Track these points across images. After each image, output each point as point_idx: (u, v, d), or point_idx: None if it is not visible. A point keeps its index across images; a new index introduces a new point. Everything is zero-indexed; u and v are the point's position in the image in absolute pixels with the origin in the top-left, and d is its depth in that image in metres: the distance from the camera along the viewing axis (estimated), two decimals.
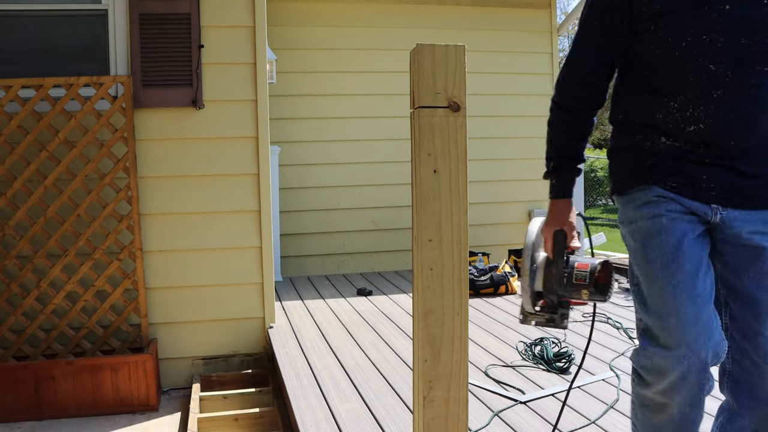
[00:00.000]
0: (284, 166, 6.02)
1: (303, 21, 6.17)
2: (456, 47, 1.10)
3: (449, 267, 1.13)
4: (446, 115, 1.11)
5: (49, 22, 4.14)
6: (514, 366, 3.48)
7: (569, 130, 1.83)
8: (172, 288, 4.18)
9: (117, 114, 4.00)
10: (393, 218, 6.37)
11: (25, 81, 3.80)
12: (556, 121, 1.86)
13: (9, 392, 3.67)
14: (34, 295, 3.88)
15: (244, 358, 4.30)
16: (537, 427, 2.70)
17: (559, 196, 1.79)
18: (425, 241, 1.12)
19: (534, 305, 1.81)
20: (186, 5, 4.04)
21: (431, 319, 1.13)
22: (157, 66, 4.04)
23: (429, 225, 1.12)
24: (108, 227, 4.01)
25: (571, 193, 1.81)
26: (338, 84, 6.27)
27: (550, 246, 1.70)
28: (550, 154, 1.85)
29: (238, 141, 4.21)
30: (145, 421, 3.70)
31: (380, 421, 2.82)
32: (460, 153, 1.12)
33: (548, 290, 1.74)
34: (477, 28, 6.49)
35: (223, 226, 4.22)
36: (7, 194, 3.85)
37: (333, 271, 6.33)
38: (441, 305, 1.13)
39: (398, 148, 6.29)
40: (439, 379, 1.14)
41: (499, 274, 5.27)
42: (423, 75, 1.09)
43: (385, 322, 4.47)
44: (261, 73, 4.20)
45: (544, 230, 1.78)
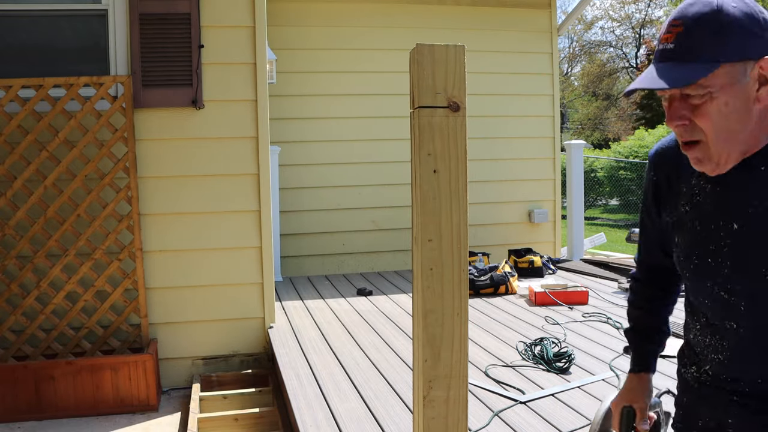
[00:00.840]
0: (284, 166, 6.02)
1: (303, 21, 6.18)
2: (456, 47, 1.10)
3: (449, 267, 1.13)
4: (446, 115, 1.11)
5: (49, 22, 4.14)
6: (514, 366, 3.48)
7: (636, 301, 1.61)
8: (172, 288, 4.18)
9: (117, 114, 4.00)
10: (393, 218, 6.37)
11: (25, 81, 3.80)
12: (629, 291, 1.65)
13: (9, 392, 3.67)
14: (34, 295, 3.88)
15: (244, 358, 4.30)
16: (537, 427, 2.70)
17: (633, 370, 1.56)
18: (425, 241, 1.12)
19: None
20: (186, 5, 4.04)
21: (431, 319, 1.13)
22: (157, 66, 4.04)
23: (429, 225, 1.12)
24: (108, 227, 4.01)
25: (646, 368, 1.54)
26: (338, 84, 6.27)
27: (617, 423, 1.54)
28: (627, 326, 1.64)
29: (238, 141, 4.21)
30: (145, 421, 3.70)
31: (380, 421, 2.82)
32: (460, 153, 1.12)
33: None
34: (477, 28, 6.49)
35: (223, 226, 4.22)
36: (7, 194, 3.85)
37: (333, 271, 6.33)
38: (441, 305, 1.13)
39: (398, 148, 6.29)
40: (439, 379, 1.13)
41: (499, 274, 5.27)
42: (423, 75, 1.09)
43: (385, 322, 4.47)
44: (261, 73, 4.20)
45: (613, 404, 1.55)
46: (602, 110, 29.04)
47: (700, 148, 1.16)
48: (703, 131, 1.13)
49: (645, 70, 1.18)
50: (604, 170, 17.76)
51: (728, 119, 1.11)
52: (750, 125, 1.13)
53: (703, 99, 1.11)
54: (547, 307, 4.77)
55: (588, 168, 17.32)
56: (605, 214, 17.84)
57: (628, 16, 25.54)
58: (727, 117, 1.11)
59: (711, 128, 1.13)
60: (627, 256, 7.35)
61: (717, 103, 1.11)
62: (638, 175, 16.93)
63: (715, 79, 1.09)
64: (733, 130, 1.13)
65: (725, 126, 1.12)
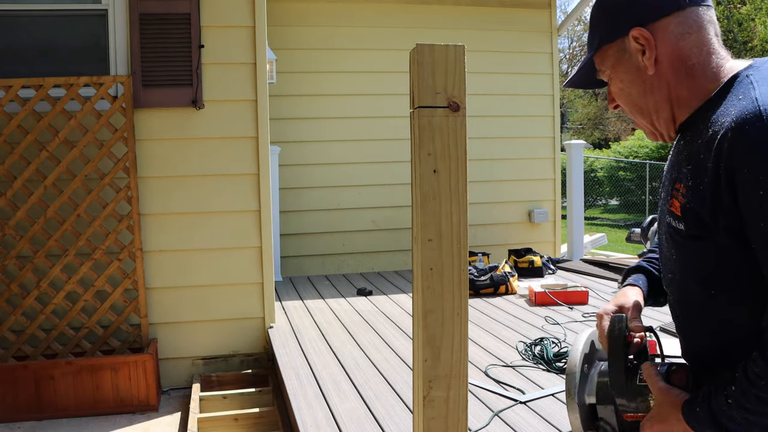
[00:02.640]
0: (284, 166, 6.02)
1: (303, 21, 6.17)
2: (456, 47, 1.10)
3: (449, 267, 1.13)
4: (446, 115, 1.11)
5: (49, 22, 4.14)
6: (514, 366, 3.48)
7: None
8: (171, 288, 4.18)
9: (117, 114, 4.00)
10: (393, 218, 6.37)
11: (25, 81, 3.80)
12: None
13: (9, 392, 3.67)
14: (34, 295, 3.88)
15: (244, 358, 4.30)
16: (537, 427, 2.70)
17: (623, 284, 1.43)
18: (425, 241, 1.12)
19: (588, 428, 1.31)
20: (186, 5, 4.04)
21: (431, 319, 1.13)
22: (157, 66, 4.04)
23: (429, 225, 1.12)
24: (108, 227, 4.01)
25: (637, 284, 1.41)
26: (338, 84, 6.27)
27: (604, 332, 1.29)
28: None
29: (238, 141, 4.21)
30: (145, 421, 3.70)
31: (380, 421, 2.82)
32: (460, 153, 1.12)
33: (603, 399, 1.28)
34: (477, 28, 6.49)
35: (223, 226, 4.22)
36: (7, 194, 3.85)
37: (333, 271, 6.33)
38: (441, 305, 1.13)
39: (398, 148, 6.29)
40: (439, 379, 1.13)
41: (499, 274, 5.27)
42: (423, 75, 1.09)
43: (385, 322, 4.47)
44: (261, 73, 4.20)
45: (599, 314, 1.34)
46: (602, 110, 29.04)
47: (636, 124, 1.23)
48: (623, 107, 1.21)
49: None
50: (604, 170, 17.77)
51: (630, 94, 1.17)
52: (656, 94, 1.14)
53: (610, 84, 1.20)
54: (547, 307, 4.77)
55: (588, 168, 17.32)
56: (605, 214, 17.85)
57: None
58: (629, 92, 1.17)
59: (624, 105, 1.20)
60: (627, 256, 7.35)
61: (616, 83, 1.18)
62: (638, 175, 16.93)
63: (606, 62, 1.18)
64: (639, 103, 1.17)
65: (631, 101, 1.18)
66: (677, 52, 1.11)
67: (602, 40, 1.17)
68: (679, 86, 1.13)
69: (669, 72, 1.12)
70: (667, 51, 1.11)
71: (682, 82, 1.12)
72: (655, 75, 1.13)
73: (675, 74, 1.12)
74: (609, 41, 1.16)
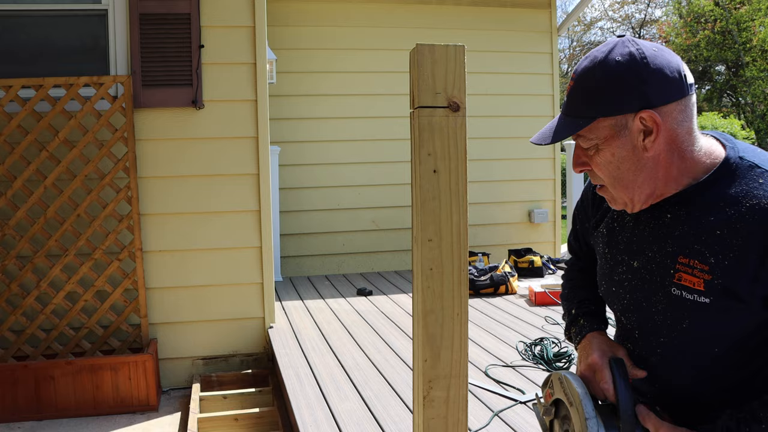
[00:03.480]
0: (284, 166, 6.02)
1: (303, 21, 6.17)
2: (456, 47, 1.10)
3: (449, 267, 1.13)
4: (446, 115, 1.11)
5: (49, 22, 4.14)
6: (514, 366, 3.48)
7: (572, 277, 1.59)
8: (172, 288, 4.18)
9: (117, 114, 4.00)
10: (393, 218, 6.37)
11: (25, 81, 3.80)
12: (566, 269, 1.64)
13: (9, 392, 3.67)
14: (34, 295, 3.88)
15: (244, 358, 4.30)
16: (537, 427, 2.70)
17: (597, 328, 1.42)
18: (425, 241, 1.12)
19: None
20: (186, 5, 4.04)
21: (431, 319, 1.13)
22: (157, 66, 4.04)
23: (429, 225, 1.12)
24: (108, 227, 4.01)
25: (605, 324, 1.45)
26: (338, 84, 6.27)
27: (606, 375, 1.27)
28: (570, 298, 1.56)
29: (238, 141, 4.21)
30: (145, 421, 3.70)
31: (380, 421, 2.82)
32: (460, 153, 1.12)
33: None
34: (477, 28, 6.49)
35: (223, 226, 4.22)
36: (7, 194, 3.85)
37: (333, 271, 6.33)
38: (441, 305, 1.13)
39: (398, 148, 6.29)
40: (439, 379, 1.13)
41: (499, 274, 5.27)
42: (422, 75, 1.09)
43: (385, 322, 4.47)
44: (261, 73, 4.20)
45: (593, 360, 1.32)
46: None
47: (604, 191, 1.23)
48: (601, 177, 1.20)
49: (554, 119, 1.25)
50: None
51: (619, 168, 1.16)
52: (646, 172, 1.16)
53: (592, 150, 1.17)
54: (547, 307, 4.77)
55: None
56: None
57: (628, 16, 25.55)
58: (618, 166, 1.16)
59: (606, 176, 1.19)
60: None
61: (604, 154, 1.16)
62: None
63: (598, 132, 1.15)
64: (626, 178, 1.17)
65: (618, 174, 1.17)
66: (675, 136, 1.14)
67: (602, 112, 1.14)
68: (670, 167, 1.16)
69: (664, 154, 1.15)
70: (667, 135, 1.14)
71: (673, 163, 1.16)
72: (651, 156, 1.15)
73: (669, 156, 1.15)
74: (610, 115, 1.13)
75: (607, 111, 1.13)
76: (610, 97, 1.13)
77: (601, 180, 1.21)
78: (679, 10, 20.39)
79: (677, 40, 19.44)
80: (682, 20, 19.94)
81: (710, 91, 20.24)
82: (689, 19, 19.18)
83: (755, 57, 17.62)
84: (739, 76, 18.40)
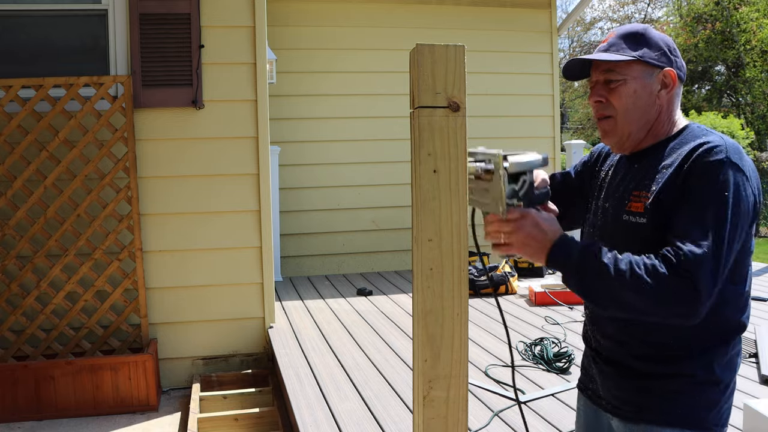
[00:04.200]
0: (284, 166, 6.02)
1: (303, 21, 6.17)
2: (456, 47, 1.10)
3: (449, 267, 1.13)
4: (446, 115, 1.11)
5: (49, 22, 4.14)
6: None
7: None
8: (171, 288, 4.18)
9: (117, 114, 4.00)
10: (393, 218, 6.37)
11: (25, 81, 3.80)
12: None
13: (9, 392, 3.67)
14: (34, 295, 3.88)
15: (244, 358, 4.30)
16: (537, 427, 2.70)
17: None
18: (425, 241, 1.12)
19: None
20: (186, 5, 4.04)
21: (431, 319, 1.13)
22: (157, 66, 4.04)
23: (429, 225, 1.12)
24: (108, 227, 4.01)
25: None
26: (338, 84, 6.27)
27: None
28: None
29: (238, 141, 4.21)
30: (145, 421, 3.70)
31: (380, 421, 2.82)
32: (460, 153, 1.12)
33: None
34: (477, 28, 6.49)
35: (223, 226, 4.22)
36: (7, 194, 3.85)
37: (333, 271, 6.33)
38: (441, 305, 1.13)
39: (398, 148, 6.28)
40: (439, 379, 1.13)
41: (498, 274, 5.27)
42: (423, 75, 1.09)
43: (385, 322, 4.47)
44: (261, 73, 4.20)
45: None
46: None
47: (609, 122, 1.48)
48: (614, 107, 1.46)
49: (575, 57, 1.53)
50: None
51: (635, 103, 1.45)
52: (649, 116, 1.47)
53: (618, 83, 1.45)
54: (547, 307, 4.77)
55: None
56: None
57: (628, 16, 25.55)
58: (635, 101, 1.45)
59: (621, 106, 1.45)
60: None
61: (628, 88, 1.45)
62: None
63: (630, 71, 1.45)
64: (635, 113, 1.46)
65: (631, 107, 1.45)
66: (672, 100, 1.49)
67: (647, 57, 1.44)
68: (661, 119, 1.49)
69: (665, 107, 1.48)
70: (670, 96, 1.48)
71: (663, 118, 1.49)
72: (658, 105, 1.47)
73: (665, 111, 1.49)
74: (649, 61, 1.44)
75: (649, 57, 1.44)
76: (654, 49, 1.46)
77: (613, 110, 1.46)
78: (679, 10, 20.39)
79: (678, 40, 19.43)
80: (682, 20, 19.93)
81: (710, 91, 20.24)
82: (689, 19, 19.18)
83: (755, 56, 17.61)
84: (739, 76, 18.40)
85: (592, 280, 1.33)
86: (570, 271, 1.36)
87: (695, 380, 1.40)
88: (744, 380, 3.23)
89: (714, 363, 1.40)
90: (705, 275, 1.25)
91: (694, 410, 1.40)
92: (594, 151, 1.72)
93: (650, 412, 1.43)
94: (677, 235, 1.31)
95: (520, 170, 1.33)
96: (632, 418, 1.46)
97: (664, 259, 1.28)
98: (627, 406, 1.47)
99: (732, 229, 1.30)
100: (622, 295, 1.29)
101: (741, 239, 1.34)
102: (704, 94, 20.32)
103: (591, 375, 1.59)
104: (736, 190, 1.32)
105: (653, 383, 1.43)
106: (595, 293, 1.34)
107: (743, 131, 14.12)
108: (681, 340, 1.40)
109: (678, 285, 1.25)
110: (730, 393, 1.44)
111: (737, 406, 2.83)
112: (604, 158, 1.67)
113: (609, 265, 1.30)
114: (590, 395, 1.60)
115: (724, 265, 1.29)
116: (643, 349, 1.45)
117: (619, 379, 1.49)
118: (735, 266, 1.37)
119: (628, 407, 1.47)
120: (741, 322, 1.42)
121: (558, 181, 1.72)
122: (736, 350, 1.44)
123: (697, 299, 1.25)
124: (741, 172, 1.34)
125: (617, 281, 1.29)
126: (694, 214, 1.31)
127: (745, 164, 1.36)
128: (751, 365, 3.45)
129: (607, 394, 1.52)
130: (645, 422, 1.44)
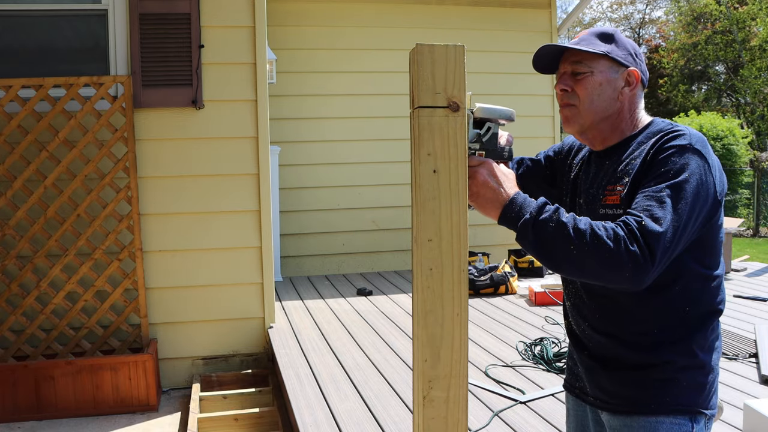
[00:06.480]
0: (284, 166, 6.01)
1: (303, 21, 6.17)
2: (455, 47, 1.10)
3: (449, 267, 1.13)
4: (446, 115, 1.11)
5: (49, 22, 4.14)
6: (514, 366, 3.48)
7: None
8: (172, 288, 4.18)
9: (117, 114, 4.00)
10: (393, 218, 6.37)
11: (25, 81, 3.80)
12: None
13: (9, 392, 3.67)
14: (34, 295, 3.88)
15: (244, 358, 4.30)
16: (537, 427, 2.70)
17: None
18: (425, 241, 1.12)
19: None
20: (186, 5, 4.04)
21: (431, 319, 1.13)
22: (157, 66, 4.04)
23: (429, 225, 1.12)
24: (108, 227, 4.01)
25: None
26: (338, 84, 6.27)
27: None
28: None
29: (238, 141, 4.21)
30: (145, 421, 3.70)
31: (380, 421, 2.82)
32: (459, 153, 1.13)
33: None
34: (477, 28, 6.49)
35: (223, 226, 4.22)
36: (7, 194, 3.85)
37: (333, 271, 6.33)
38: (441, 305, 1.13)
39: (398, 148, 6.28)
40: (439, 379, 1.13)
41: (499, 274, 5.27)
42: (422, 75, 1.09)
43: (385, 322, 4.47)
44: (261, 73, 4.20)
45: None
46: None
47: (571, 110, 1.54)
48: (579, 97, 1.52)
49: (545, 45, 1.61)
50: None
51: (599, 96, 1.52)
52: (610, 110, 1.53)
53: (585, 75, 1.51)
54: (547, 307, 4.77)
55: None
56: None
57: (627, 16, 25.56)
58: (599, 94, 1.52)
59: (585, 96, 1.52)
60: None
61: (593, 80, 1.51)
62: None
63: (598, 65, 1.52)
64: (598, 104, 1.52)
65: (595, 98, 1.51)
66: (635, 99, 1.56)
67: (614, 54, 1.52)
68: (623, 114, 1.56)
69: (626, 104, 1.55)
70: (632, 95, 1.55)
71: (625, 114, 1.56)
72: (620, 101, 1.54)
73: (628, 108, 1.56)
74: (616, 58, 1.51)
75: (617, 55, 1.52)
76: (622, 50, 1.54)
77: (576, 100, 1.53)
78: (680, 10, 20.38)
79: (678, 39, 19.43)
80: (682, 20, 19.93)
81: (710, 91, 20.24)
82: (689, 19, 19.18)
83: (755, 56, 17.61)
84: (738, 76, 18.39)
85: (550, 236, 1.30)
86: (527, 226, 1.31)
87: (680, 366, 1.44)
88: (744, 380, 3.23)
89: (695, 347, 1.45)
90: (660, 247, 1.28)
91: (684, 395, 1.44)
92: (566, 143, 1.76)
93: (641, 403, 1.45)
94: (637, 207, 1.35)
95: (487, 116, 1.31)
96: (624, 411, 1.48)
97: (624, 226, 1.31)
98: (616, 399, 1.50)
99: (689, 209, 1.35)
100: (579, 255, 1.29)
101: (698, 220, 1.38)
102: (704, 94, 20.32)
103: (576, 373, 1.62)
104: (696, 173, 1.37)
105: (640, 374, 1.46)
106: (552, 251, 1.31)
107: (743, 131, 14.12)
108: (664, 328, 1.44)
109: (634, 252, 1.27)
110: (716, 375, 1.49)
111: (737, 407, 2.83)
112: (576, 152, 1.71)
113: (568, 224, 1.30)
114: (578, 393, 1.62)
115: (676, 242, 1.33)
116: (628, 337, 1.48)
117: (605, 372, 1.51)
118: (706, 252, 1.45)
119: (617, 400, 1.49)
120: (716, 306, 1.47)
121: (527, 165, 1.76)
122: (715, 334, 1.49)
123: (647, 269, 1.28)
124: (703, 159, 1.40)
125: (576, 240, 1.28)
126: (654, 189, 1.37)
127: (708, 153, 1.42)
128: (751, 365, 3.45)
129: (595, 390, 1.54)
130: (637, 414, 1.46)
